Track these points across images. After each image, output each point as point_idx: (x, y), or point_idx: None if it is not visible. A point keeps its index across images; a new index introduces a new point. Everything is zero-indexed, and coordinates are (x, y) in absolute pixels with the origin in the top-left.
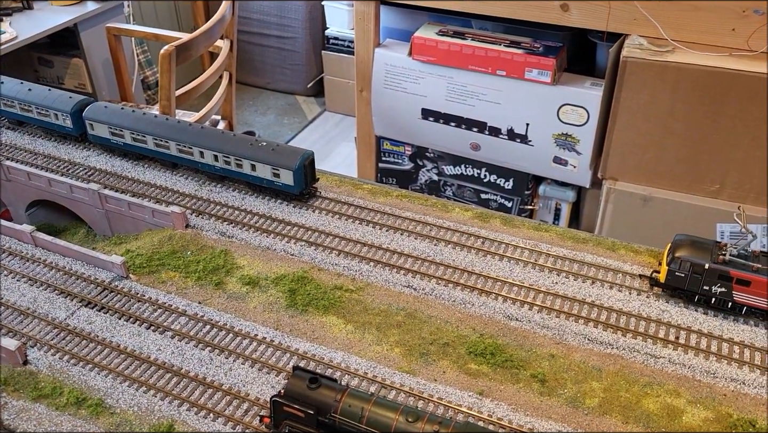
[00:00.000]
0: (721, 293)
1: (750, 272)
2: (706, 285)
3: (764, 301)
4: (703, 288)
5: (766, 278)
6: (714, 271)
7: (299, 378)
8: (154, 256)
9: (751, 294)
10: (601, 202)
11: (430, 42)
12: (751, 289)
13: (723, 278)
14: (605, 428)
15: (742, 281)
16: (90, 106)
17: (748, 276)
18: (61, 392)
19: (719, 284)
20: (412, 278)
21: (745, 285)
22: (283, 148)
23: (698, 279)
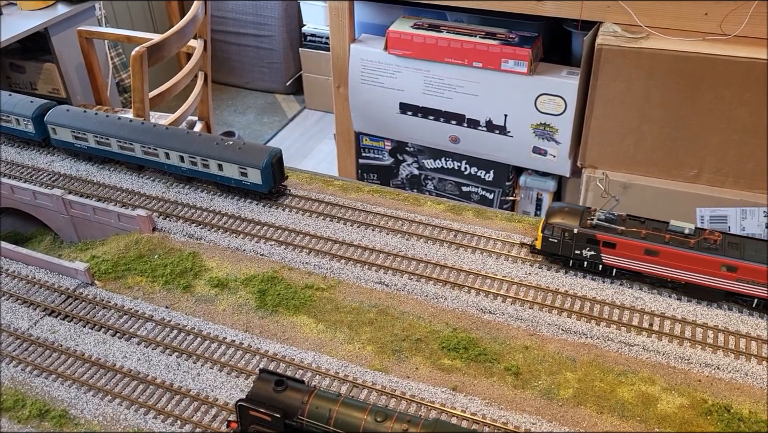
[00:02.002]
0: (591, 256)
1: (615, 235)
2: (577, 249)
3: (630, 262)
4: (575, 252)
5: (630, 240)
6: (582, 235)
7: (265, 381)
8: (120, 261)
9: (618, 256)
10: (582, 191)
11: (405, 36)
12: (617, 251)
13: (591, 241)
14: (579, 418)
15: (609, 244)
16: (52, 110)
17: (613, 239)
18: (23, 405)
19: (588, 248)
20: (384, 274)
21: (611, 247)
22: (250, 147)
23: (569, 244)
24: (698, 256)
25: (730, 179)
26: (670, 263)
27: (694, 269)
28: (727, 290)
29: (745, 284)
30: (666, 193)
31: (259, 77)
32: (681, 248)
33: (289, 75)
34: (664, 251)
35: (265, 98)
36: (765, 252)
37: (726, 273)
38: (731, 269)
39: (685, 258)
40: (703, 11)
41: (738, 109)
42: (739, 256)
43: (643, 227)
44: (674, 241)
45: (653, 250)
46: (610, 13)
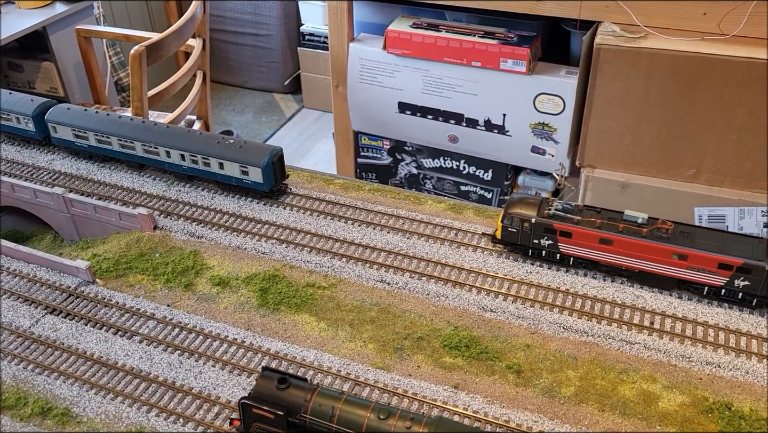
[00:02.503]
0: (549, 246)
1: (571, 224)
2: (536, 238)
3: (586, 251)
4: (533, 241)
5: (585, 229)
6: (540, 224)
7: (268, 379)
8: (121, 259)
9: (574, 245)
10: (580, 190)
11: (404, 35)
12: (573, 240)
13: (548, 231)
14: (581, 416)
15: (565, 233)
16: (52, 108)
17: (569, 228)
18: (25, 403)
19: (546, 237)
20: (386, 272)
21: (567, 237)
22: (251, 145)
23: (528, 233)
24: (650, 244)
25: (729, 179)
26: (623, 251)
27: (646, 257)
28: (679, 278)
29: (696, 272)
30: (664, 193)
31: (258, 76)
32: (634, 237)
33: (288, 74)
34: (617, 240)
35: (264, 97)
36: (715, 241)
37: (677, 261)
38: (682, 257)
39: (637, 247)
40: (701, 11)
41: (736, 109)
42: (690, 244)
43: (598, 217)
44: (627, 230)
45: (607, 239)
46: (609, 13)
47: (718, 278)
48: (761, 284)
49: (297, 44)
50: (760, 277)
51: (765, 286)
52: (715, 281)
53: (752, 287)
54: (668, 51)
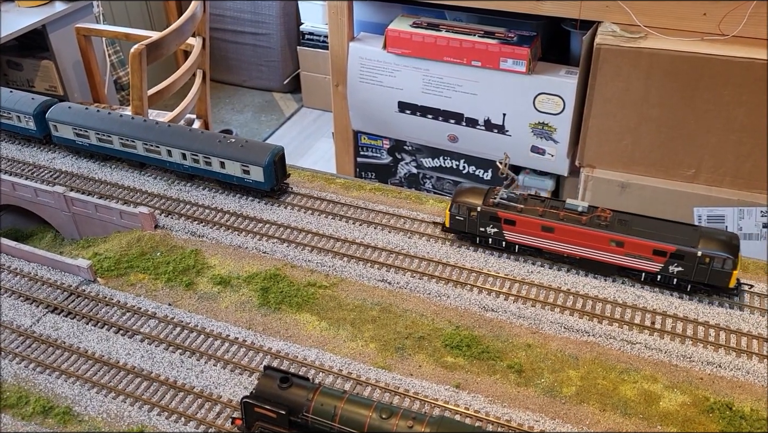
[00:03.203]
0: (495, 233)
1: (515, 213)
2: (482, 226)
3: (529, 239)
4: (480, 229)
5: (528, 217)
6: (485, 213)
7: (270, 378)
8: (122, 258)
9: (518, 233)
10: (580, 190)
11: (404, 34)
12: (517, 228)
13: (493, 219)
14: (582, 416)
15: (509, 221)
16: (53, 107)
17: (513, 216)
18: (27, 402)
19: (492, 225)
20: (387, 271)
21: (511, 225)
22: (253, 145)
23: (474, 221)
24: (589, 232)
25: (728, 179)
26: (564, 238)
27: (586, 244)
28: (617, 265)
29: (633, 259)
30: (664, 193)
31: (257, 75)
32: (574, 224)
33: (287, 73)
34: (558, 228)
35: (263, 96)
36: (650, 228)
37: (615, 248)
38: (619, 244)
39: (577, 234)
40: (701, 11)
41: (736, 109)
42: (626, 232)
43: (541, 206)
44: (568, 218)
45: (549, 226)
46: (609, 13)
47: (653, 265)
48: (694, 269)
49: (297, 43)
50: (693, 263)
51: (698, 272)
52: (650, 267)
53: (686, 273)
54: (668, 51)
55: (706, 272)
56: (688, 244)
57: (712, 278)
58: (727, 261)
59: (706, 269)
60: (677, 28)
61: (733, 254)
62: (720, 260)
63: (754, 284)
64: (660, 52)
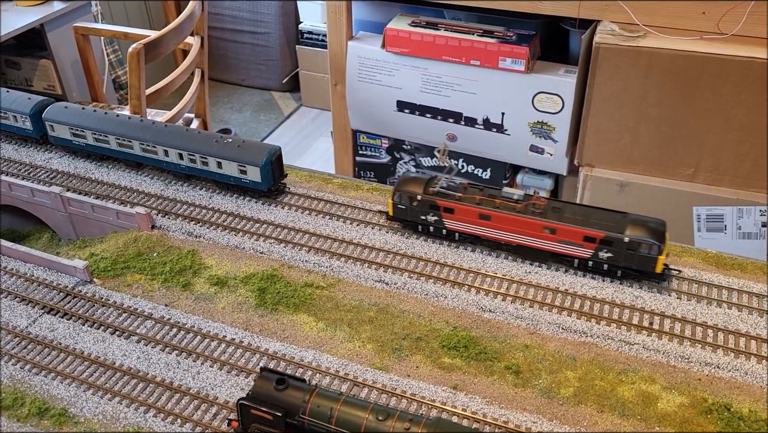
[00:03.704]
0: (435, 221)
1: (453, 201)
2: (422, 215)
3: (468, 226)
4: (421, 218)
5: (466, 205)
6: (426, 201)
7: (266, 379)
8: (119, 259)
9: (457, 221)
10: (579, 190)
11: (403, 33)
12: (456, 216)
13: (433, 207)
14: (580, 417)
15: (448, 209)
16: (50, 107)
17: (451, 204)
18: (22, 403)
19: (432, 213)
20: (384, 272)
21: (450, 213)
22: (249, 144)
23: (416, 210)
24: (524, 219)
25: (727, 178)
26: (501, 226)
27: (521, 231)
28: (551, 251)
29: (565, 245)
30: (663, 192)
31: (256, 75)
32: (509, 212)
33: (286, 72)
34: (495, 215)
35: (262, 96)
36: (581, 215)
37: (548, 235)
38: (552, 231)
39: (513, 222)
40: (701, 10)
41: (735, 108)
42: (558, 219)
43: (479, 194)
44: (504, 206)
45: (486, 214)
46: (608, 12)
47: (584, 251)
48: (622, 255)
49: (295, 42)
50: (621, 249)
51: (626, 257)
52: (582, 253)
53: (615, 259)
54: (667, 50)
55: (633, 258)
56: (615, 230)
57: (640, 264)
58: (653, 247)
59: (634, 254)
60: (676, 27)
61: (659, 240)
62: (646, 246)
63: (682, 269)
64: (659, 51)
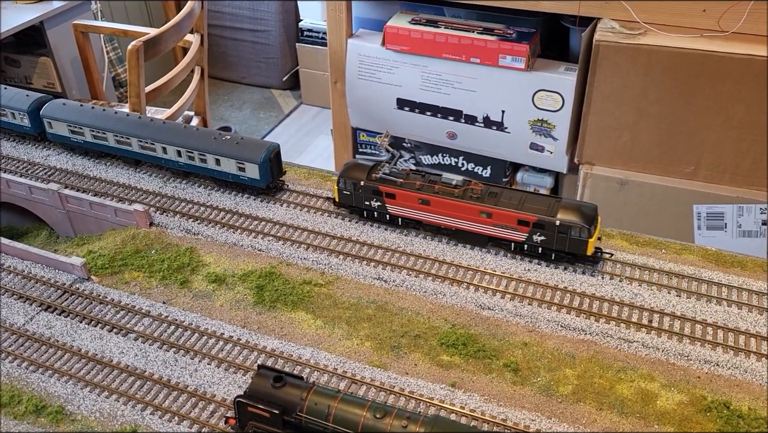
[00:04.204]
0: (379, 207)
1: (395, 187)
2: (366, 200)
3: (409, 211)
4: (365, 203)
5: (406, 190)
6: (369, 187)
7: (263, 377)
8: (116, 256)
9: (399, 206)
10: (579, 187)
11: (402, 31)
12: (398, 201)
13: (376, 192)
14: (579, 414)
15: (390, 195)
16: (48, 104)
17: (393, 190)
18: (19, 400)
19: (375, 199)
20: (383, 269)
21: (392, 198)
22: (248, 142)
23: (360, 195)
24: (461, 204)
25: (727, 176)
26: (440, 211)
27: (459, 216)
28: (488, 235)
29: (501, 229)
30: (663, 190)
31: (256, 72)
32: (447, 197)
33: (286, 70)
34: (434, 201)
35: (262, 93)
36: (517, 200)
37: (485, 219)
38: (488, 215)
39: (451, 206)
40: (701, 8)
41: (735, 106)
42: (494, 203)
43: (420, 180)
44: (443, 191)
45: (425, 199)
46: (608, 10)
47: (519, 234)
48: (554, 238)
49: (295, 40)
50: (553, 232)
51: (558, 240)
52: (517, 237)
53: (548, 242)
54: (667, 48)
55: (565, 241)
56: (547, 214)
57: (571, 246)
58: (583, 230)
59: (565, 237)
60: (676, 25)
61: (589, 223)
62: (577, 229)
63: (614, 252)
64: (659, 49)
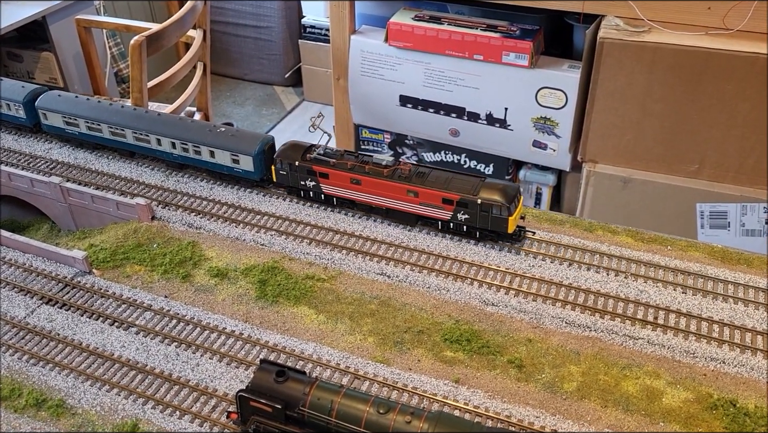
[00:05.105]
0: (313, 186)
1: (328, 167)
2: (302, 180)
3: (342, 191)
4: (301, 183)
5: (338, 170)
6: (303, 167)
7: (266, 371)
8: (118, 250)
9: (332, 186)
10: (582, 186)
11: (406, 27)
12: (331, 181)
13: (310, 172)
14: (583, 412)
15: (323, 175)
16: (43, 95)
17: (326, 170)
18: (20, 394)
19: (310, 179)
20: (386, 265)
21: (326, 178)
22: (243, 134)
23: (295, 175)
24: (390, 183)
25: (731, 174)
26: (370, 190)
27: (389, 195)
28: (416, 214)
29: (427, 208)
30: (666, 188)
31: (258, 69)
32: (377, 177)
33: (289, 67)
34: (364, 180)
35: (264, 90)
36: (443, 179)
37: (412, 198)
38: (415, 195)
39: (381, 186)
40: (706, 5)
41: (740, 104)
42: (421, 183)
43: (353, 160)
44: (373, 171)
45: (356, 179)
46: (612, 7)
47: (444, 213)
48: (477, 216)
49: (298, 36)
50: (475, 210)
51: (480, 218)
52: (442, 215)
53: (471, 220)
54: (672, 45)
55: (487, 219)
56: (470, 193)
57: (493, 224)
58: (503, 208)
59: (487, 215)
60: (681, 22)
61: (509, 201)
62: (497, 207)
63: (536, 231)
64: (663, 47)
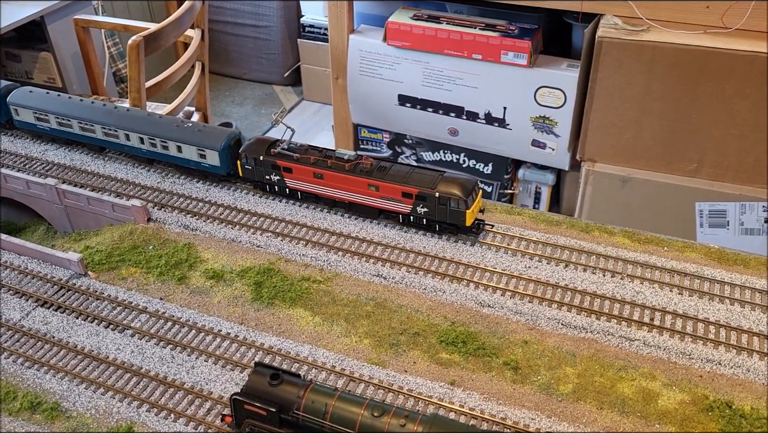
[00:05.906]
0: (278, 181)
1: (292, 161)
2: (267, 175)
3: (306, 185)
4: (265, 177)
5: (301, 165)
6: (267, 162)
7: (260, 374)
8: (114, 252)
9: (296, 180)
10: (581, 185)
11: (404, 27)
12: (295, 175)
13: (275, 167)
14: (579, 413)
15: (287, 169)
16: (15, 91)
17: (290, 164)
18: (14, 397)
19: (275, 173)
20: (382, 266)
21: (289, 172)
22: (209, 129)
23: (260, 170)
24: (352, 177)
25: (730, 173)
26: (333, 184)
27: (351, 189)
28: (377, 207)
29: (388, 201)
30: (665, 187)
31: (257, 68)
32: (339, 171)
33: (288, 66)
34: (327, 174)
35: (263, 89)
36: (403, 174)
37: (373, 192)
38: (376, 188)
39: (343, 180)
40: (704, 4)
41: (739, 103)
42: (381, 177)
43: (317, 155)
44: (335, 165)
45: (319, 173)
46: (611, 6)
47: (404, 206)
48: (435, 209)
49: (297, 36)
50: (434, 203)
51: (438, 211)
52: (402, 208)
53: (430, 213)
54: (670, 44)
55: (445, 212)
56: (429, 187)
57: (451, 217)
58: (460, 201)
59: (445, 208)
60: (680, 21)
61: (467, 195)
62: (455, 201)
63: (495, 224)
64: (662, 46)
